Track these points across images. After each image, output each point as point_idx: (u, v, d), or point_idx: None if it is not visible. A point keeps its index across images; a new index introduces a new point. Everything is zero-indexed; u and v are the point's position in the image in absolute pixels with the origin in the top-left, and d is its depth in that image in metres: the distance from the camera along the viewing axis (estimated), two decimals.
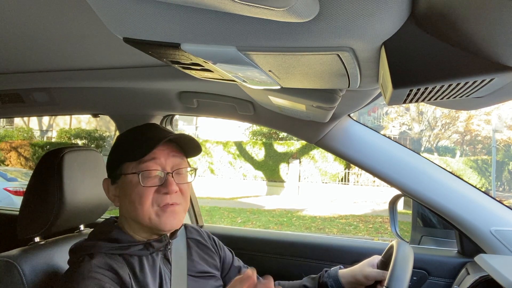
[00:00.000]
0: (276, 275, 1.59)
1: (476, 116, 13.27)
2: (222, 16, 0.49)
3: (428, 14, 0.49)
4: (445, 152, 15.23)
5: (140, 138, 0.98)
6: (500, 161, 13.40)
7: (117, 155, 0.99)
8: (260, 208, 9.98)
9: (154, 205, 0.93)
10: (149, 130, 1.01)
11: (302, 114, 1.23)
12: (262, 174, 12.37)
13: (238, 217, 8.79)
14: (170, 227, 0.95)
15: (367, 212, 9.57)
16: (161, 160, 0.95)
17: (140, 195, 0.92)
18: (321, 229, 8.11)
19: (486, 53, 0.52)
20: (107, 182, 1.01)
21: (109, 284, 0.85)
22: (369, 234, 7.78)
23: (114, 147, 1.02)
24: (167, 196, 0.94)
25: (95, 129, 14.69)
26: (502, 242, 1.27)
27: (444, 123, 14.59)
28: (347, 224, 8.48)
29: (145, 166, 0.93)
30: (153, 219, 0.92)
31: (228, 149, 12.68)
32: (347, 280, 1.15)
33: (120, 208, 0.99)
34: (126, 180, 0.94)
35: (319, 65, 0.64)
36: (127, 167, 0.95)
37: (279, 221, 8.60)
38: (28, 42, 1.06)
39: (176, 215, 0.95)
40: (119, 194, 0.98)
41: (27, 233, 1.12)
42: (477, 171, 12.36)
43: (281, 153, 12.13)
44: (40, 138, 16.19)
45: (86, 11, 0.82)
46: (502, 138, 13.94)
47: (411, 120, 11.25)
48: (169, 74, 1.30)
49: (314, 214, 9.29)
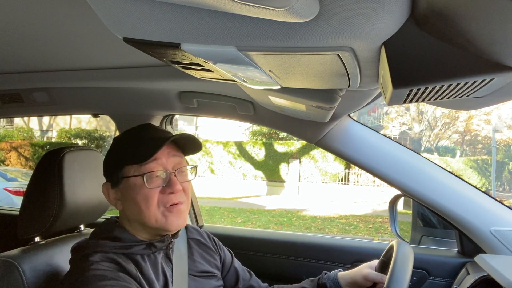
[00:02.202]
0: (276, 276, 1.60)
1: (476, 116, 13.26)
2: (222, 16, 0.49)
3: (428, 14, 0.49)
4: (445, 152, 15.22)
5: (139, 140, 0.97)
6: (500, 161, 13.40)
7: (116, 159, 0.98)
8: (260, 208, 9.97)
9: (160, 206, 0.93)
10: (146, 131, 1.00)
11: (302, 114, 1.23)
12: (262, 174, 12.36)
13: (238, 217, 8.79)
14: (177, 226, 0.95)
15: (368, 212, 9.57)
16: (162, 161, 0.95)
17: (145, 197, 0.92)
18: (321, 229, 8.10)
19: (486, 53, 0.52)
20: (107, 186, 0.99)
21: (112, 274, 0.85)
22: (369, 234, 7.78)
23: (112, 151, 1.01)
24: (172, 195, 0.94)
25: (95, 129, 14.67)
26: (502, 242, 1.27)
27: (444, 123, 14.57)
28: (347, 224, 8.48)
29: (148, 167, 0.93)
30: (160, 220, 0.93)
31: (228, 149, 12.67)
32: (346, 282, 1.15)
33: (123, 211, 0.98)
34: (129, 183, 0.94)
35: (319, 65, 0.64)
36: (129, 170, 0.94)
37: (279, 221, 8.60)
38: (28, 42, 1.06)
39: (181, 214, 0.96)
40: (121, 197, 0.97)
41: (27, 233, 1.12)
42: (477, 171, 12.35)
43: (281, 153, 12.12)
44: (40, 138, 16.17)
45: (86, 11, 0.82)
46: (502, 138, 13.93)
47: (411, 120, 11.24)
48: (169, 74, 1.30)
49: (314, 214, 9.28)
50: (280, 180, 12.15)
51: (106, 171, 1.01)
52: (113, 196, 0.99)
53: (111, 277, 0.84)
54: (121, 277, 0.86)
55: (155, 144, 0.93)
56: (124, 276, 0.86)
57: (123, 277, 0.86)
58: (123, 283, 0.84)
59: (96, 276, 0.83)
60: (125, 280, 0.85)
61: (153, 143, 0.94)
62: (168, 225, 0.93)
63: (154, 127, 1.03)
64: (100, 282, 0.82)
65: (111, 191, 0.99)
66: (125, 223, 0.98)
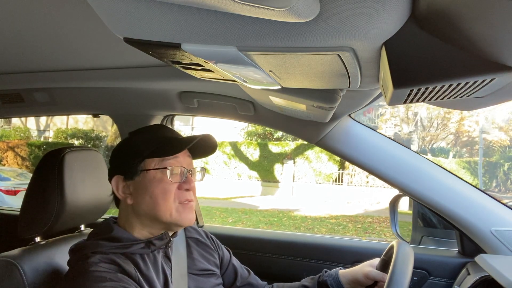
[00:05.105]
0: (276, 275, 1.60)
1: (468, 117, 13.15)
2: (222, 16, 0.49)
3: (429, 14, 0.49)
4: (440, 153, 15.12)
5: (162, 137, 1.01)
6: (495, 162, 13.37)
7: (136, 151, 0.99)
8: (253, 208, 9.94)
9: (176, 201, 0.96)
10: (164, 129, 1.06)
11: (303, 114, 1.23)
12: (257, 174, 12.33)
13: (230, 217, 8.77)
14: (189, 222, 0.98)
15: (359, 213, 9.55)
16: (180, 159, 0.99)
17: (164, 190, 0.95)
18: (310, 229, 8.12)
19: (487, 53, 0.52)
20: (118, 179, 0.99)
21: (112, 275, 0.85)
22: (357, 234, 7.80)
23: (128, 144, 1.02)
24: (187, 192, 0.98)
25: (92, 129, 14.67)
26: (502, 242, 1.27)
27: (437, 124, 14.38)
28: (337, 224, 8.49)
29: (169, 163, 0.97)
30: (174, 215, 0.95)
31: (223, 149, 12.64)
32: (347, 279, 1.16)
33: (134, 205, 0.97)
34: (148, 176, 0.96)
35: (320, 65, 0.64)
36: (150, 163, 0.96)
37: (270, 221, 8.62)
38: (29, 42, 1.06)
39: (193, 211, 1.00)
40: (134, 190, 0.97)
41: (27, 233, 1.12)
42: (470, 172, 12.33)
43: (276, 153, 12.08)
44: (37, 138, 16.14)
45: (86, 11, 0.82)
46: (494, 140, 13.85)
47: (400, 121, 11.15)
48: (169, 74, 1.30)
49: (305, 214, 9.28)
50: (275, 181, 12.12)
51: (120, 164, 1.00)
52: (124, 189, 0.99)
53: (110, 279, 0.84)
54: (121, 278, 0.86)
55: (179, 142, 0.99)
56: (123, 277, 0.87)
57: (123, 278, 0.86)
58: (122, 285, 0.84)
59: (95, 278, 0.83)
60: (124, 281, 0.85)
61: (177, 141, 1.00)
62: (182, 220, 0.96)
63: (169, 127, 1.09)
64: (100, 283, 0.82)
65: (122, 184, 0.98)
66: (125, 221, 0.98)
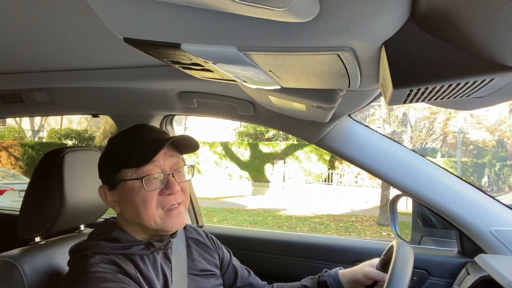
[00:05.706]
0: (276, 275, 1.60)
1: (453, 118, 13.09)
2: (222, 16, 0.49)
3: (429, 14, 0.49)
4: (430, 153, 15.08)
5: (136, 143, 0.96)
6: (487, 162, 13.43)
7: (113, 161, 0.96)
8: (241, 207, 9.94)
9: (159, 208, 0.93)
10: (142, 132, 0.98)
11: (302, 114, 1.23)
12: (248, 174, 12.31)
13: (215, 217, 8.79)
14: (176, 227, 0.96)
15: (345, 212, 9.62)
16: (160, 162, 0.94)
17: (144, 199, 0.91)
18: (292, 228, 8.21)
19: (487, 53, 0.52)
20: (104, 188, 0.98)
21: (112, 276, 0.85)
22: (338, 233, 7.90)
23: (107, 153, 0.99)
24: (171, 197, 0.94)
25: (85, 130, 14.65)
26: (502, 242, 1.27)
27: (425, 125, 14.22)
28: (320, 223, 8.57)
29: (146, 170, 0.91)
30: (158, 222, 0.92)
31: (214, 149, 12.64)
32: (347, 279, 1.16)
33: (121, 213, 0.97)
34: (127, 186, 0.93)
35: (320, 65, 0.64)
36: (126, 173, 0.93)
37: (254, 220, 8.68)
38: (28, 42, 1.06)
39: (181, 215, 0.96)
40: (119, 199, 0.96)
41: (27, 233, 1.12)
42: (457, 172, 12.35)
43: (267, 153, 12.06)
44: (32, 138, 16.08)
45: (86, 11, 0.82)
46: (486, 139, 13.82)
47: (382, 122, 11.05)
48: (169, 74, 1.30)
49: (290, 214, 9.35)
50: (265, 180, 12.10)
51: (102, 174, 0.99)
52: (110, 198, 0.97)
53: (110, 279, 0.84)
54: (121, 279, 0.86)
55: (152, 146, 0.92)
56: (123, 278, 0.86)
57: (123, 279, 0.86)
58: (122, 285, 0.84)
59: (95, 278, 0.83)
60: (124, 282, 0.85)
61: (150, 145, 0.93)
62: (168, 226, 0.93)
63: (149, 127, 1.02)
64: (100, 284, 0.82)
65: (108, 193, 0.97)
66: (123, 223, 0.98)
